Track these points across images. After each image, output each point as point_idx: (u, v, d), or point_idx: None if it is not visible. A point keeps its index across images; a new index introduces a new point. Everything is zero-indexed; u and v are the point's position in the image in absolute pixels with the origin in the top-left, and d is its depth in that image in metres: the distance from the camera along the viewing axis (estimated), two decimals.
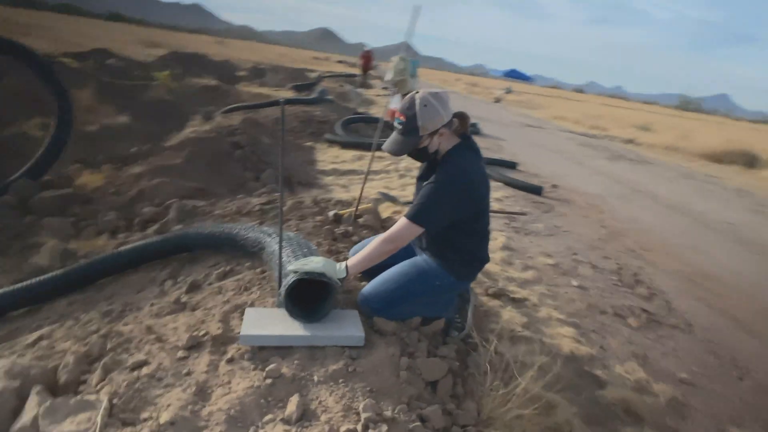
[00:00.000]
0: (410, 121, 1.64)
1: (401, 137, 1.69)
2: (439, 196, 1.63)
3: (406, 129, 1.66)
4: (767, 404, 2.01)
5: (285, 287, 1.55)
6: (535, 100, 31.84)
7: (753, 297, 3.21)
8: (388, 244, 1.66)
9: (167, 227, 2.76)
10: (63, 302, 2.16)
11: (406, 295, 1.76)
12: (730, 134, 20.61)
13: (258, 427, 1.20)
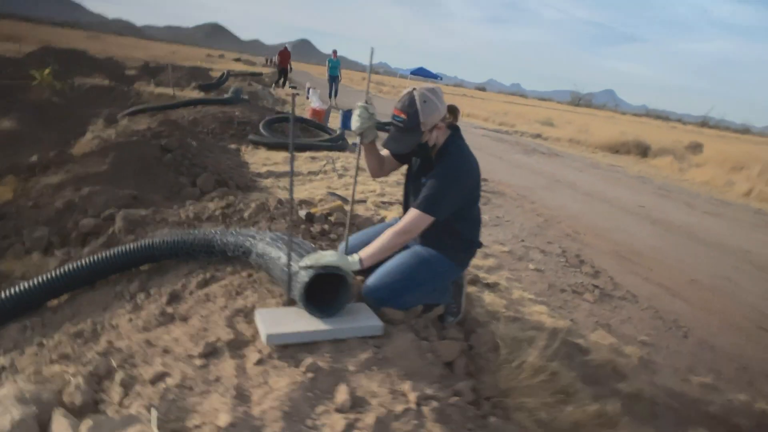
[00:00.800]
0: (412, 118, 1.75)
1: (403, 135, 1.79)
2: (447, 185, 1.77)
3: (408, 126, 1.76)
4: (711, 355, 2.44)
5: (303, 284, 1.59)
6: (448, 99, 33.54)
7: (674, 268, 3.80)
8: (401, 235, 1.76)
9: (115, 239, 2.59)
10: (13, 327, 1.96)
11: (410, 285, 1.87)
12: (622, 127, 23.49)
13: (314, 419, 1.25)
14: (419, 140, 1.81)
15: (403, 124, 1.78)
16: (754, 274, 3.96)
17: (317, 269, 1.61)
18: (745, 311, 3.11)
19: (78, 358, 1.56)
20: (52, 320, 1.98)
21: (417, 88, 1.80)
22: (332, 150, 6.47)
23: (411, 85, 1.86)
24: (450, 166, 1.81)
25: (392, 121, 1.82)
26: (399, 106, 1.79)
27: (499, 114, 22.78)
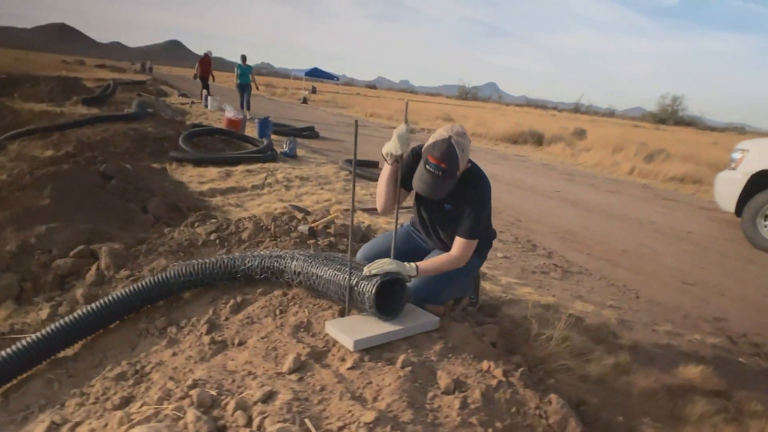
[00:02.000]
0: (452, 167, 1.89)
1: (441, 181, 1.90)
2: (483, 209, 2.03)
3: (447, 174, 1.90)
4: (660, 309, 3.04)
5: (373, 290, 1.78)
6: (340, 99, 34.05)
7: (605, 243, 4.52)
8: (456, 262, 2.01)
9: (104, 277, 2.51)
10: (34, 383, 1.89)
11: (447, 283, 2.14)
12: (510, 118, 25.81)
13: (431, 403, 1.47)
14: (453, 185, 1.96)
15: (441, 173, 1.89)
16: (664, 240, 4.84)
17: (383, 277, 1.82)
18: (668, 271, 3.85)
19: (141, 397, 1.62)
20: (76, 369, 1.95)
21: (451, 135, 1.90)
22: (264, 161, 6.47)
23: (442, 132, 1.92)
24: (482, 189, 2.05)
25: (428, 169, 1.90)
26: (438, 156, 1.86)
27: (399, 112, 23.73)
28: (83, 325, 2.00)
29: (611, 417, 1.66)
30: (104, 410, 1.69)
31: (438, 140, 1.90)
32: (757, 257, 4.54)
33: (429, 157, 1.90)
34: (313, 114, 19.03)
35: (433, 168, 1.88)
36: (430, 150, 1.90)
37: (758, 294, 3.51)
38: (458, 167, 1.92)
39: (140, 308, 2.17)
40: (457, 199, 2.05)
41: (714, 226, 5.76)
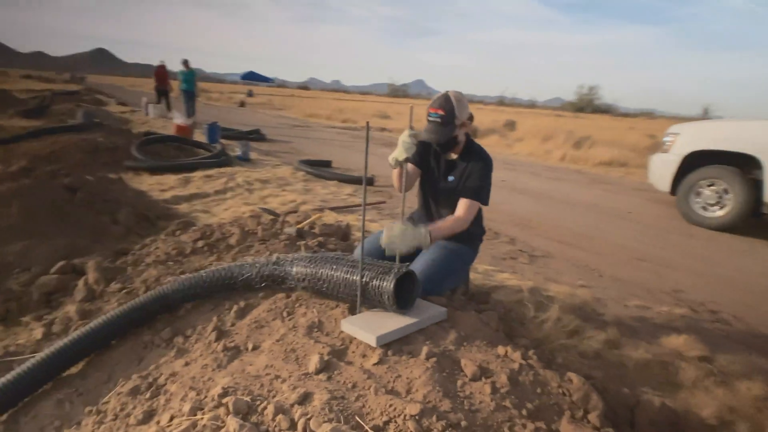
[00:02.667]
0: (449, 113, 2.04)
1: (441, 128, 2.05)
2: (486, 176, 2.14)
3: (445, 120, 2.05)
4: (624, 285, 3.25)
5: (391, 286, 1.77)
6: (276, 101, 33.35)
7: (559, 227, 4.75)
8: (461, 222, 2.10)
9: (94, 292, 2.33)
10: (43, 405, 1.74)
11: (447, 274, 2.18)
12: None
13: (463, 391, 1.50)
14: (453, 133, 2.08)
15: (441, 119, 2.05)
16: (610, 221, 5.17)
17: (397, 275, 1.81)
18: (621, 250, 4.12)
19: (164, 409, 1.54)
20: (85, 387, 1.82)
21: (448, 91, 2.11)
22: (220, 166, 6.24)
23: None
24: (484, 159, 2.16)
25: (430, 120, 2.08)
26: (436, 105, 2.07)
27: (337, 111, 23.60)
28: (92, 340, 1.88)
29: (617, 388, 1.76)
30: (127, 426, 1.59)
31: (436, 96, 2.12)
32: (694, 231, 4.97)
33: (430, 109, 2.10)
34: (254, 117, 18.50)
35: (433, 116, 2.07)
36: (430, 104, 2.10)
37: (703, 265, 3.84)
38: (455, 115, 2.07)
39: (141, 324, 2.06)
40: (460, 172, 2.17)
41: (651, 206, 6.23)
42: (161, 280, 2.38)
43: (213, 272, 2.13)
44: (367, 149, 1.88)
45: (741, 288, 3.37)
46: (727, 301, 3.09)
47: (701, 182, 5.20)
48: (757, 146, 4.77)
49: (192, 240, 2.72)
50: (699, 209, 5.24)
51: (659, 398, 1.73)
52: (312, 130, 14.24)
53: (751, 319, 2.84)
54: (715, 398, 1.83)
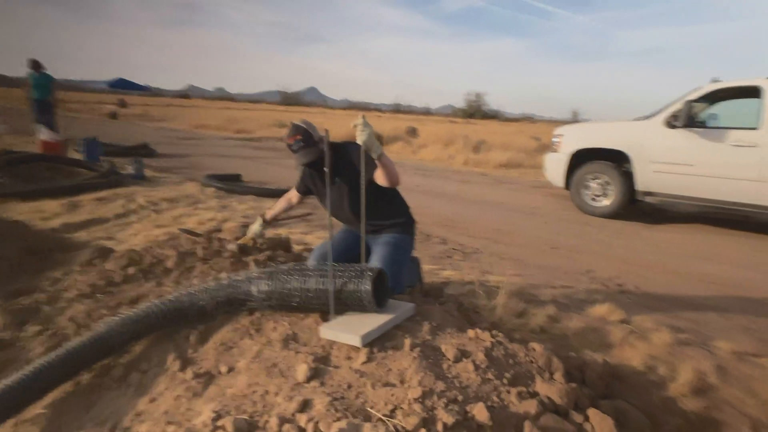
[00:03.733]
0: (305, 134, 2.30)
1: (307, 149, 2.30)
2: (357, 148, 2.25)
3: (307, 141, 2.30)
4: (549, 271, 3.71)
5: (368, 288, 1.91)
6: (154, 111, 31.33)
7: (479, 225, 5.21)
8: (396, 176, 2.31)
9: (2, 342, 2.14)
10: None
11: (400, 268, 2.40)
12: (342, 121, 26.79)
13: (451, 372, 1.69)
14: (320, 150, 2.31)
15: (303, 142, 2.30)
16: (520, 217, 5.77)
17: (372, 276, 1.96)
18: (535, 241, 4.65)
19: None
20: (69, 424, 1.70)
21: (293, 121, 2.38)
22: (112, 187, 5.83)
23: None
24: (343, 146, 2.40)
25: (293, 149, 2.32)
26: (291, 134, 2.32)
27: (230, 121, 22.86)
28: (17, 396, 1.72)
29: (566, 354, 2.09)
30: None
31: (287, 130, 2.36)
32: (588, 220, 5.74)
33: (288, 140, 2.33)
34: (132, 130, 17.24)
35: (295, 144, 2.31)
36: (286, 136, 2.35)
37: (601, 247, 4.49)
38: (311, 135, 2.33)
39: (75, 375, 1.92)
40: (339, 172, 2.40)
41: (550, 200, 7.03)
42: (93, 314, 2.26)
43: (159, 305, 2.03)
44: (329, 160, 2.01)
45: (633, 263, 4.02)
46: (626, 275, 3.68)
47: (587, 176, 6.02)
48: (626, 143, 5.66)
49: (119, 267, 2.60)
50: (589, 200, 6.06)
51: (600, 357, 2.09)
52: (206, 143, 13.69)
53: (647, 287, 3.42)
54: (638, 350, 2.24)
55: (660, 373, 2.09)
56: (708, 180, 5.09)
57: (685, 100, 5.21)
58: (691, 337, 2.47)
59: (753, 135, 4.84)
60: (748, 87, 5.05)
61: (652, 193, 5.53)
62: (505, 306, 2.52)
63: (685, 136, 5.20)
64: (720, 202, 5.12)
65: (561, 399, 1.61)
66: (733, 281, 3.65)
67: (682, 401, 1.93)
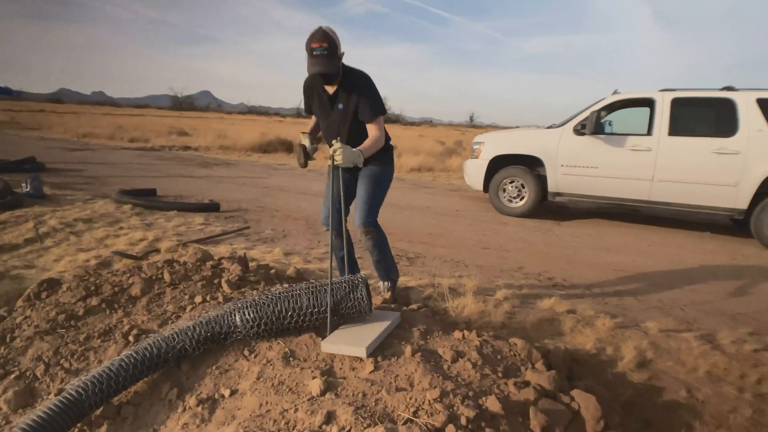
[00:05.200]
0: (332, 44, 2.32)
1: (327, 59, 2.33)
2: (374, 88, 2.51)
3: (331, 51, 2.32)
4: (487, 269, 4.03)
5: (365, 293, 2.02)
6: (25, 119, 28.03)
7: (413, 230, 5.46)
8: (381, 139, 2.49)
9: None
10: None
11: (379, 200, 2.68)
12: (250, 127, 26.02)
13: (451, 371, 1.86)
14: (338, 66, 2.39)
15: (326, 51, 2.32)
16: (447, 219, 6.13)
17: (364, 284, 2.07)
18: (466, 242, 5.00)
19: None
20: None
21: (321, 25, 2.38)
22: (10, 208, 5.24)
23: None
24: (362, 77, 2.51)
25: (315, 54, 2.32)
26: (317, 38, 2.31)
27: (118, 129, 21.16)
28: None
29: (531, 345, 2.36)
30: None
31: (313, 32, 2.36)
32: (506, 220, 6.26)
33: (312, 44, 2.33)
34: (4, 140, 15.32)
35: (319, 50, 2.33)
36: (311, 39, 2.34)
37: (524, 245, 4.96)
38: (337, 46, 2.38)
39: None
40: (345, 98, 2.52)
41: (470, 203, 7.51)
42: (61, 350, 2.10)
43: (135, 355, 1.87)
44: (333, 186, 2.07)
45: (554, 257, 4.51)
46: (552, 269, 4.12)
47: (505, 180, 6.56)
48: (539, 149, 6.29)
49: (77, 299, 2.43)
50: (506, 202, 6.61)
51: (560, 345, 2.39)
52: (99, 154, 12.57)
53: (573, 279, 3.88)
54: (588, 336, 2.59)
55: (608, 354, 2.44)
56: (610, 180, 5.84)
57: (592, 110, 5.92)
58: (625, 321, 2.89)
59: (647, 140, 5.65)
60: (643, 98, 5.89)
61: (562, 194, 6.19)
62: (468, 306, 2.75)
63: (591, 142, 5.91)
64: (620, 200, 5.90)
65: (550, 385, 1.85)
66: (634, 267, 4.25)
67: (630, 375, 2.28)
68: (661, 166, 5.58)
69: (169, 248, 4.02)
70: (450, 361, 1.95)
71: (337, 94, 2.53)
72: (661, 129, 5.61)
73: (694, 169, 5.44)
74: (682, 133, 5.55)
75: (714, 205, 5.41)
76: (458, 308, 2.71)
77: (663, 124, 5.61)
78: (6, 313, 2.38)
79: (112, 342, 2.08)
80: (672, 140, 5.56)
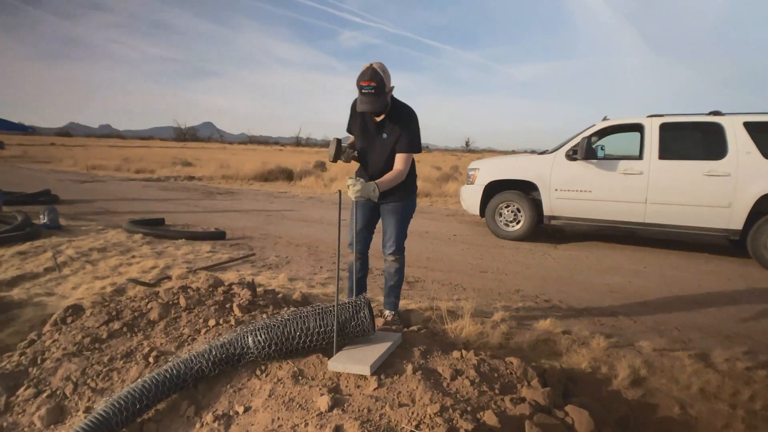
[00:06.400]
0: (380, 83, 2.42)
1: (375, 97, 2.43)
2: (417, 128, 2.62)
3: (378, 90, 2.43)
4: (485, 292, 4.13)
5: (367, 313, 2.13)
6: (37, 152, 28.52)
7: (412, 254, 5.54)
8: (401, 175, 2.58)
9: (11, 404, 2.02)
10: None
11: (406, 226, 2.83)
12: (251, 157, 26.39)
13: (449, 389, 1.96)
14: (387, 100, 2.50)
15: (374, 90, 2.43)
16: (445, 244, 6.24)
17: (366, 304, 2.19)
18: (465, 266, 5.10)
19: None
20: None
21: (372, 63, 2.48)
22: (29, 239, 5.39)
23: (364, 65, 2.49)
24: (409, 114, 2.63)
25: (364, 92, 2.43)
26: (367, 77, 2.41)
27: (128, 161, 21.54)
28: None
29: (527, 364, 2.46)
30: None
31: (364, 69, 2.47)
32: (503, 243, 6.37)
33: (361, 83, 2.45)
34: (19, 174, 15.60)
35: (367, 89, 2.44)
36: (361, 77, 2.46)
37: (520, 268, 5.06)
38: (385, 84, 2.48)
39: None
40: (390, 129, 2.63)
41: (467, 227, 7.64)
42: (87, 371, 2.22)
43: (157, 377, 1.98)
44: (339, 216, 2.21)
45: (551, 280, 4.61)
46: (549, 291, 4.22)
47: (501, 204, 6.71)
48: (533, 174, 6.46)
49: (100, 323, 2.55)
50: (503, 226, 6.74)
51: (555, 364, 2.48)
52: (108, 186, 12.80)
53: (568, 300, 3.97)
54: (583, 355, 2.67)
55: (603, 372, 2.52)
56: (603, 203, 5.98)
57: (583, 136, 6.11)
58: (620, 341, 2.98)
59: (638, 164, 5.82)
60: (633, 124, 6.08)
61: (557, 217, 6.32)
62: (466, 327, 2.85)
63: (584, 167, 6.08)
64: (613, 222, 6.02)
65: (545, 401, 1.95)
66: (630, 289, 4.35)
67: (624, 392, 2.37)
68: (653, 189, 5.72)
69: (180, 275, 4.15)
70: (449, 378, 2.05)
71: (384, 124, 2.64)
72: (652, 153, 5.78)
73: (686, 192, 5.58)
74: (673, 156, 5.72)
75: (708, 226, 5.53)
76: (457, 330, 2.81)
77: (653, 148, 5.79)
78: (36, 336, 2.49)
79: (134, 363, 2.20)
80: (663, 164, 5.72)
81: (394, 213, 2.82)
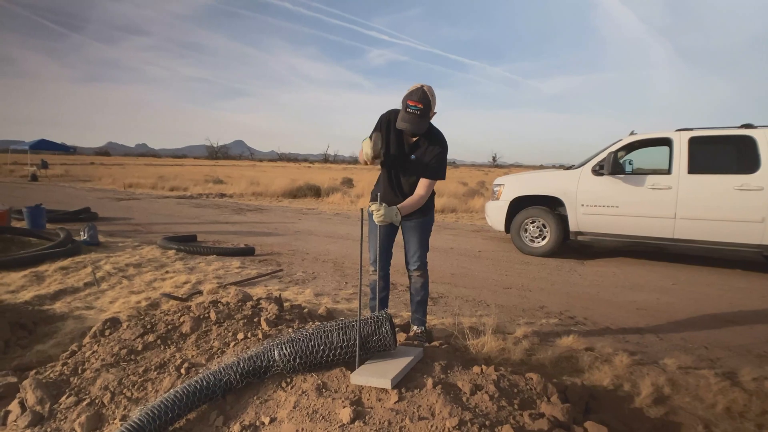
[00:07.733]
0: (427, 107, 2.49)
1: (419, 119, 2.49)
2: (444, 155, 2.67)
3: (424, 113, 2.49)
4: (509, 309, 4.13)
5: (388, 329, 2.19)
6: (77, 171, 29.81)
7: (436, 270, 5.60)
8: (422, 200, 2.64)
9: (40, 414, 2.16)
10: None
11: (427, 241, 2.90)
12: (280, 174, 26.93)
13: (468, 403, 1.99)
14: (427, 125, 2.58)
15: (419, 112, 2.49)
16: (469, 260, 6.24)
17: (388, 319, 2.25)
18: (489, 282, 5.10)
19: None
20: None
21: (423, 85, 2.54)
22: (70, 255, 5.66)
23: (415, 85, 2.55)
24: (441, 143, 2.68)
25: (409, 111, 2.48)
26: (416, 98, 2.47)
27: (163, 179, 22.28)
28: None
29: (551, 380, 2.46)
30: None
31: (413, 89, 2.53)
32: (528, 260, 6.33)
33: (408, 102, 2.50)
34: (61, 192, 16.35)
35: (413, 109, 2.49)
36: (409, 96, 2.51)
37: (546, 284, 5.03)
38: (431, 108, 2.55)
39: None
40: (422, 152, 2.68)
41: (492, 243, 7.62)
42: (124, 381, 2.34)
43: (188, 388, 2.06)
44: (362, 233, 2.29)
45: (576, 297, 4.56)
46: (573, 308, 4.18)
47: (526, 220, 6.68)
48: (559, 190, 6.42)
49: (136, 336, 2.68)
50: (528, 242, 6.70)
51: (577, 380, 2.48)
52: (143, 203, 13.29)
53: (593, 318, 3.93)
54: (606, 372, 2.66)
55: (626, 389, 2.50)
56: (631, 219, 5.90)
57: (609, 151, 6.07)
58: (644, 358, 2.94)
59: (667, 179, 5.73)
60: (661, 138, 6.01)
61: (583, 233, 6.26)
62: (488, 343, 2.87)
63: (611, 182, 6.02)
64: (642, 238, 5.92)
65: (564, 416, 1.96)
66: (657, 306, 4.27)
67: (647, 410, 2.34)
68: (682, 204, 5.62)
69: (211, 290, 4.29)
70: (468, 393, 2.08)
71: (417, 146, 2.70)
72: (681, 167, 5.69)
73: (717, 206, 5.46)
74: (703, 170, 5.61)
75: (740, 241, 5.38)
76: (478, 345, 2.83)
77: (682, 162, 5.69)
78: (77, 348, 2.64)
79: (167, 374, 2.31)
80: (692, 178, 5.62)
81: (416, 229, 2.89)
